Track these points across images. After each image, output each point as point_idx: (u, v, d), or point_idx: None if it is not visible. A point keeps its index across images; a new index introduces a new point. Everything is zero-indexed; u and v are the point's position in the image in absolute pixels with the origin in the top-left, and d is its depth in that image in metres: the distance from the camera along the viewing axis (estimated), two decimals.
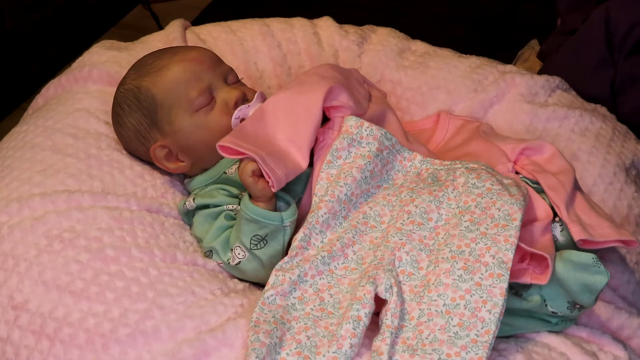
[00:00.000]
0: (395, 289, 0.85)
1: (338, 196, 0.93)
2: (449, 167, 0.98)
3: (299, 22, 1.37)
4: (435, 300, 0.85)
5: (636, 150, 1.19)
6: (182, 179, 1.10)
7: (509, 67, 1.31)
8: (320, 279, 0.90)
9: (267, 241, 0.94)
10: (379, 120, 1.03)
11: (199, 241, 1.01)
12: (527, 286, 0.90)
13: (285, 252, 0.94)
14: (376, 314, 0.87)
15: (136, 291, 0.88)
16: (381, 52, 1.32)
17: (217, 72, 1.05)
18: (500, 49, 1.96)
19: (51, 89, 1.25)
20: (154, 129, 1.04)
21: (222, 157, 1.01)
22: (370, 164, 0.96)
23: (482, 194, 0.91)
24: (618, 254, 1.04)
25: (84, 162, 1.04)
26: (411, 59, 1.32)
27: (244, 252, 0.95)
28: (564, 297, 0.89)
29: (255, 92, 1.05)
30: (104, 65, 1.21)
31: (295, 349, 0.82)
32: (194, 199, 1.01)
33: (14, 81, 1.97)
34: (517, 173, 1.03)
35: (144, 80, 1.04)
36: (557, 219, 0.96)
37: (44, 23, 2.06)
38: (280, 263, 0.90)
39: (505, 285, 0.84)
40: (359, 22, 1.45)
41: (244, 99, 1.04)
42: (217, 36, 1.32)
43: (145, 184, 1.05)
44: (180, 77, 1.03)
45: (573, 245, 0.93)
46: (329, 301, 0.88)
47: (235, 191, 1.01)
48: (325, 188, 0.94)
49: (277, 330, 0.83)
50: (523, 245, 0.88)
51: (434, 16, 2.29)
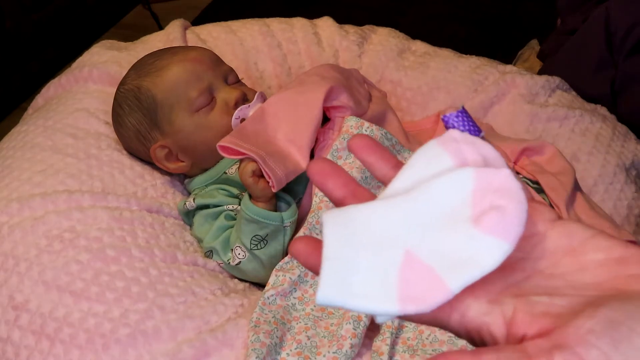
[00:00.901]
0: None
1: None
2: None
3: (299, 22, 1.37)
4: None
5: (636, 151, 1.19)
6: (182, 179, 1.10)
7: (509, 67, 1.31)
8: None
9: (267, 241, 0.94)
10: (379, 121, 1.03)
11: (199, 241, 1.01)
12: None
13: (285, 252, 0.94)
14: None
15: (136, 291, 0.88)
16: (381, 52, 1.32)
17: (217, 72, 1.05)
18: (500, 49, 1.96)
19: (51, 89, 1.25)
20: (154, 129, 1.04)
21: (222, 157, 1.01)
22: None
23: None
24: None
25: (84, 162, 1.04)
26: (411, 59, 1.32)
27: (244, 252, 0.95)
28: None
29: (256, 92, 1.05)
30: (104, 65, 1.21)
31: (295, 349, 0.82)
32: (194, 199, 1.01)
33: (14, 81, 1.97)
34: (517, 173, 1.03)
35: (144, 80, 1.04)
36: None
37: (44, 23, 2.06)
38: (280, 263, 0.90)
39: None
40: (359, 22, 1.45)
41: (244, 99, 1.04)
42: (217, 36, 1.32)
43: (145, 184, 1.05)
44: (181, 77, 1.03)
45: None
46: None
47: (235, 191, 1.01)
48: None
49: (277, 331, 0.83)
50: None
51: (434, 16, 2.29)
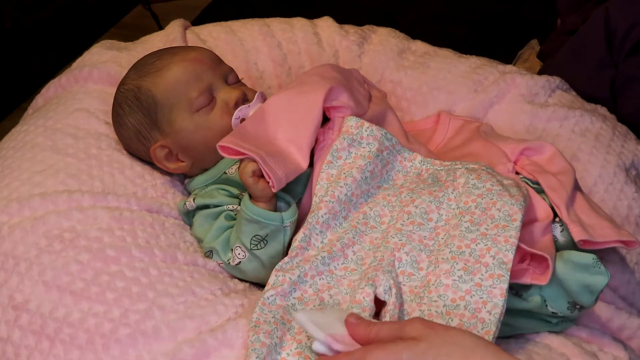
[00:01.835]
0: (394, 290, 0.85)
1: (338, 196, 0.93)
2: (449, 168, 0.98)
3: (299, 22, 1.37)
4: (435, 301, 0.85)
5: (636, 151, 1.19)
6: (182, 179, 1.10)
7: (509, 67, 1.31)
8: (320, 279, 0.90)
9: (267, 241, 0.94)
10: (379, 121, 1.03)
11: (199, 241, 1.01)
12: (528, 286, 0.90)
13: (285, 252, 0.94)
14: (376, 314, 0.87)
15: (136, 291, 0.88)
16: (381, 52, 1.32)
17: (218, 72, 1.05)
18: (500, 49, 1.96)
19: (51, 89, 1.25)
20: (154, 129, 1.04)
21: (222, 157, 1.01)
22: (370, 165, 0.96)
23: (482, 194, 0.91)
24: (618, 254, 1.04)
25: (84, 162, 1.04)
26: (411, 59, 1.32)
27: (244, 252, 0.95)
28: (564, 298, 0.89)
29: (256, 92, 1.05)
30: (104, 65, 1.21)
31: (295, 349, 0.82)
32: (194, 199, 1.01)
33: (14, 81, 1.97)
34: (517, 173, 1.03)
35: (144, 80, 1.04)
36: (557, 219, 0.96)
37: (44, 23, 2.06)
38: (280, 263, 0.90)
39: (506, 286, 0.84)
40: (359, 22, 1.45)
41: (244, 99, 1.04)
42: (217, 36, 1.32)
43: (145, 184, 1.05)
44: (181, 77, 1.03)
45: (573, 245, 0.93)
46: (328, 302, 0.88)
47: (235, 191, 1.01)
48: (326, 188, 0.94)
49: (277, 331, 0.83)
50: (523, 245, 0.88)
51: (434, 16, 2.29)
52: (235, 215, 0.99)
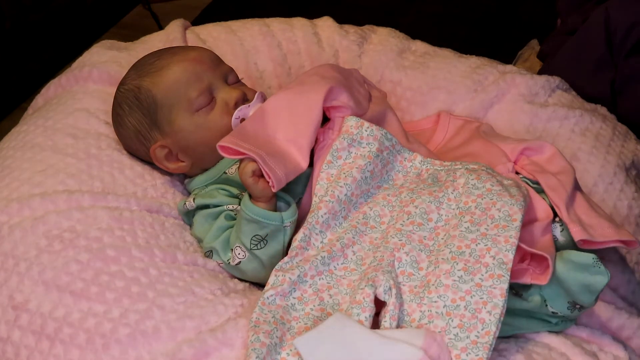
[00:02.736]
0: (394, 290, 0.85)
1: (338, 196, 0.93)
2: (449, 168, 0.98)
3: (299, 22, 1.37)
4: (435, 302, 0.85)
5: (636, 151, 1.19)
6: (182, 179, 1.10)
7: (509, 67, 1.31)
8: (320, 279, 0.90)
9: (267, 241, 0.94)
10: (379, 121, 1.03)
11: (199, 241, 1.01)
12: (528, 286, 0.90)
13: (285, 252, 0.94)
14: (376, 314, 0.87)
15: (136, 291, 0.88)
16: (381, 52, 1.32)
17: (217, 72, 1.05)
18: (500, 49, 1.96)
19: (51, 89, 1.25)
20: (154, 129, 1.04)
21: (222, 157, 1.01)
22: (370, 165, 0.95)
23: (482, 194, 0.91)
24: (618, 254, 1.04)
25: (84, 162, 1.04)
26: (411, 59, 1.32)
27: (244, 252, 0.95)
28: (564, 297, 0.89)
29: (256, 92, 1.05)
30: (104, 65, 1.21)
31: (295, 349, 0.82)
32: (194, 199, 1.01)
33: (14, 81, 1.97)
34: (517, 173, 1.03)
35: (144, 80, 1.04)
36: (557, 219, 0.96)
37: (44, 23, 2.06)
38: (280, 263, 0.90)
39: (506, 286, 0.84)
40: (359, 22, 1.45)
41: (244, 99, 1.04)
42: (217, 36, 1.32)
43: (145, 184, 1.05)
44: (181, 77, 1.03)
45: (573, 245, 0.93)
46: (328, 302, 0.88)
47: (235, 191, 1.01)
48: (325, 188, 0.94)
49: (277, 331, 0.83)
50: (523, 245, 0.88)
51: (434, 16, 2.29)
52: (235, 215, 0.99)
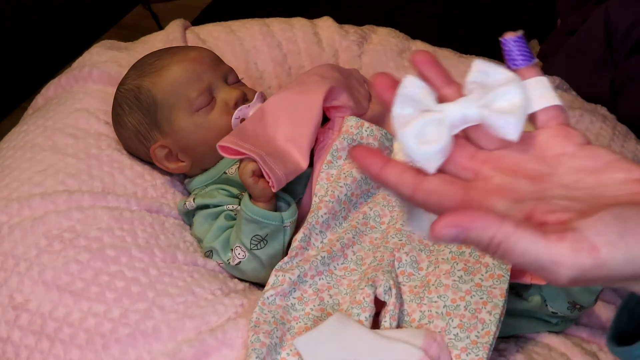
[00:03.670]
0: (394, 290, 0.85)
1: (338, 196, 0.93)
2: None
3: (299, 22, 1.37)
4: (435, 302, 0.85)
5: (636, 151, 1.19)
6: (182, 179, 1.10)
7: None
8: (320, 279, 0.90)
9: (267, 241, 0.94)
10: (379, 121, 1.03)
11: (199, 241, 1.01)
12: (528, 286, 0.90)
13: (285, 252, 0.94)
14: (376, 314, 0.87)
15: (136, 291, 0.88)
16: (381, 52, 1.32)
17: (217, 72, 1.05)
18: (500, 49, 1.96)
19: (51, 89, 1.25)
20: (154, 129, 1.04)
21: (222, 157, 1.01)
22: None
23: None
24: None
25: (84, 162, 1.04)
26: None
27: (244, 252, 0.95)
28: (564, 297, 0.89)
29: (256, 92, 1.05)
30: (104, 65, 1.21)
31: (295, 349, 0.82)
32: (194, 199, 1.01)
33: (14, 81, 1.97)
34: None
35: (144, 80, 1.04)
36: None
37: (44, 23, 2.06)
38: (280, 263, 0.90)
39: (506, 287, 0.84)
40: (359, 22, 1.45)
41: (244, 99, 1.04)
42: (217, 36, 1.32)
43: (145, 184, 1.05)
44: (181, 77, 1.03)
45: None
46: (328, 302, 0.88)
47: (235, 191, 1.01)
48: (325, 188, 0.94)
49: (277, 331, 0.83)
50: None
51: (434, 16, 2.29)
52: (235, 215, 0.99)
